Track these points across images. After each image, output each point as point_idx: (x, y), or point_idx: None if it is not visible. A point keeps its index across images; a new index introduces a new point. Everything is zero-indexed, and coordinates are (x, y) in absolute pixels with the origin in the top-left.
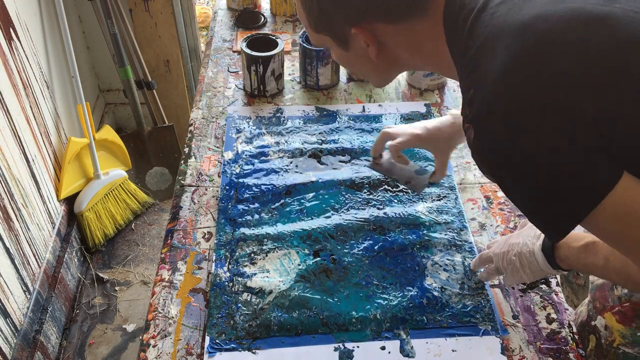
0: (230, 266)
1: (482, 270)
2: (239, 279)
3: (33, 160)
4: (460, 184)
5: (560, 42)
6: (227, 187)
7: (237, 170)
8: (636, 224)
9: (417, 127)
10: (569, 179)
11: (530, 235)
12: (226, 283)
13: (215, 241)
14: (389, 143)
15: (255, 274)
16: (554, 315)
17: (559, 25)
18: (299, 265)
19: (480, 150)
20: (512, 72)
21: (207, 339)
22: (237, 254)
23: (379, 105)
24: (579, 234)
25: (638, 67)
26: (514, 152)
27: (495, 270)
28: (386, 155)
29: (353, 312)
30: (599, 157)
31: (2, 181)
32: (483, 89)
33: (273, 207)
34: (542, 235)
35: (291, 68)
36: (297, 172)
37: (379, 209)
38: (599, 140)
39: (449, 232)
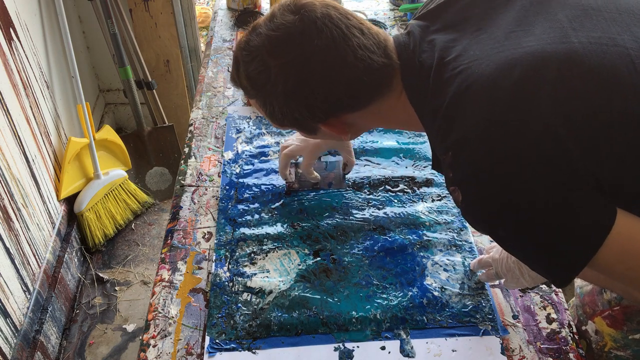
0: (230, 266)
1: (481, 272)
2: (239, 278)
3: (33, 160)
4: None
5: (530, 94)
6: (227, 187)
7: (237, 170)
8: (637, 263)
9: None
10: (565, 227)
11: None
12: (226, 283)
13: (215, 241)
14: (300, 169)
15: (255, 273)
16: (554, 315)
17: (525, 77)
18: (299, 265)
19: (471, 210)
20: (490, 133)
21: (207, 339)
22: (237, 253)
23: None
24: None
25: (609, 104)
26: (506, 209)
27: (495, 274)
28: (292, 171)
29: (353, 312)
30: (592, 200)
31: (2, 181)
32: (463, 152)
33: (273, 207)
34: None
35: None
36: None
37: (379, 208)
38: (589, 182)
39: (449, 232)
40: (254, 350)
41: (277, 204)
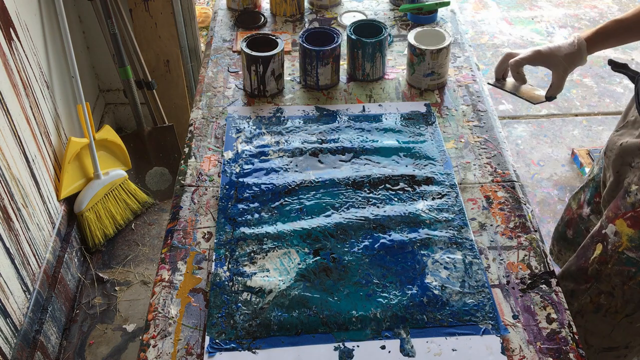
0: (230, 265)
1: (508, 78)
2: (239, 278)
3: (33, 160)
4: (460, 184)
5: None
6: (227, 187)
7: (237, 170)
8: None
9: (540, 46)
10: None
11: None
12: (226, 282)
13: (215, 240)
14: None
15: (255, 273)
16: (554, 315)
17: None
18: (299, 264)
19: None
20: None
21: (207, 339)
22: (237, 253)
23: (379, 105)
24: None
25: None
26: None
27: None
28: (509, 79)
29: (353, 311)
30: None
31: (2, 181)
32: None
33: (273, 206)
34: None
35: (291, 68)
36: (297, 171)
37: (378, 207)
38: None
39: (450, 229)
40: (254, 350)
41: (277, 203)
